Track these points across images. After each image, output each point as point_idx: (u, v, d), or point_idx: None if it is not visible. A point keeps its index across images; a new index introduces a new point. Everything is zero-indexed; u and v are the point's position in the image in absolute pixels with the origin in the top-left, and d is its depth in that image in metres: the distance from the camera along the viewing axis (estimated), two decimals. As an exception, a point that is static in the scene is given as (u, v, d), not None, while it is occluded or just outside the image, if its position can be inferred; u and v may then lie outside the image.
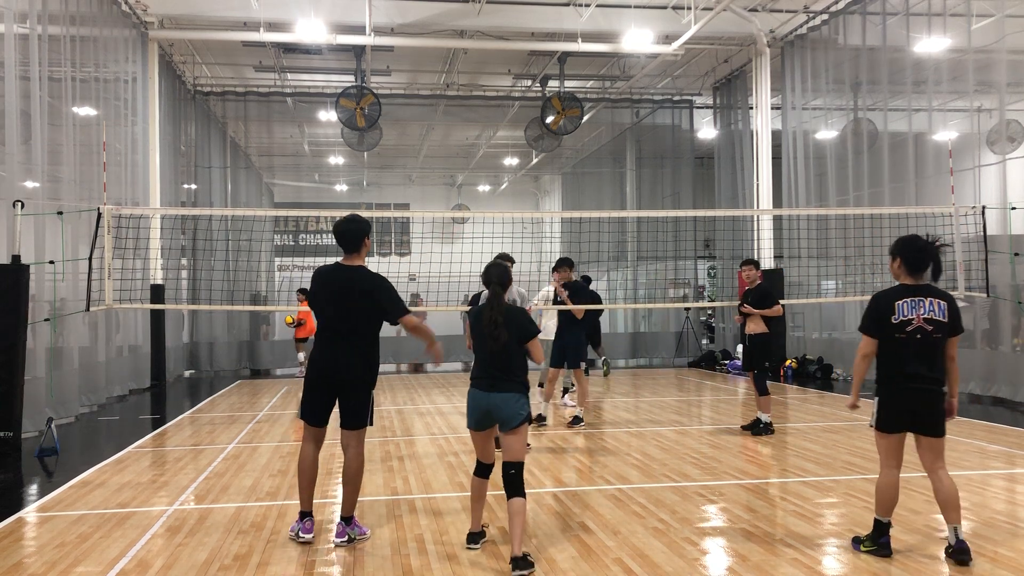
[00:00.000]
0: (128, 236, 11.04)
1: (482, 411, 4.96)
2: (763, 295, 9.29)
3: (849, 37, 15.30)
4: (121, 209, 10.60)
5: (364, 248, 5.36)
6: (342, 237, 5.32)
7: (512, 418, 4.86)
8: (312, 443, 5.35)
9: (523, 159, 27.63)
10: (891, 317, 4.76)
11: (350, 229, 5.32)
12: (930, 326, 4.72)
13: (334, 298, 5.24)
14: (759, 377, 9.28)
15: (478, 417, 5.00)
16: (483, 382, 4.96)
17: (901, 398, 4.77)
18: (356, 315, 5.21)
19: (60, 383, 10.64)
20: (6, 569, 4.86)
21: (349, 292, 5.20)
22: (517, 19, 16.07)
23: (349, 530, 5.27)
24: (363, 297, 5.19)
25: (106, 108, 12.91)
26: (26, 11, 10.41)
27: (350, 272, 5.29)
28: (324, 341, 5.27)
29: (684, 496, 6.37)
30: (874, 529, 4.90)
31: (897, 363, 4.76)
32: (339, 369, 5.20)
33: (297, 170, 29.24)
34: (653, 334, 20.71)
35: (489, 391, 4.91)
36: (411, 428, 10.12)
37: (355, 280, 5.23)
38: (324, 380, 5.25)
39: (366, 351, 5.25)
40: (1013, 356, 11.87)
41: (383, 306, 5.23)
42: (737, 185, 18.86)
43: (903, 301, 4.76)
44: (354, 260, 5.33)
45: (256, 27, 15.41)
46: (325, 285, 5.31)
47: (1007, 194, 12.33)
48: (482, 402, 4.94)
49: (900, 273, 4.89)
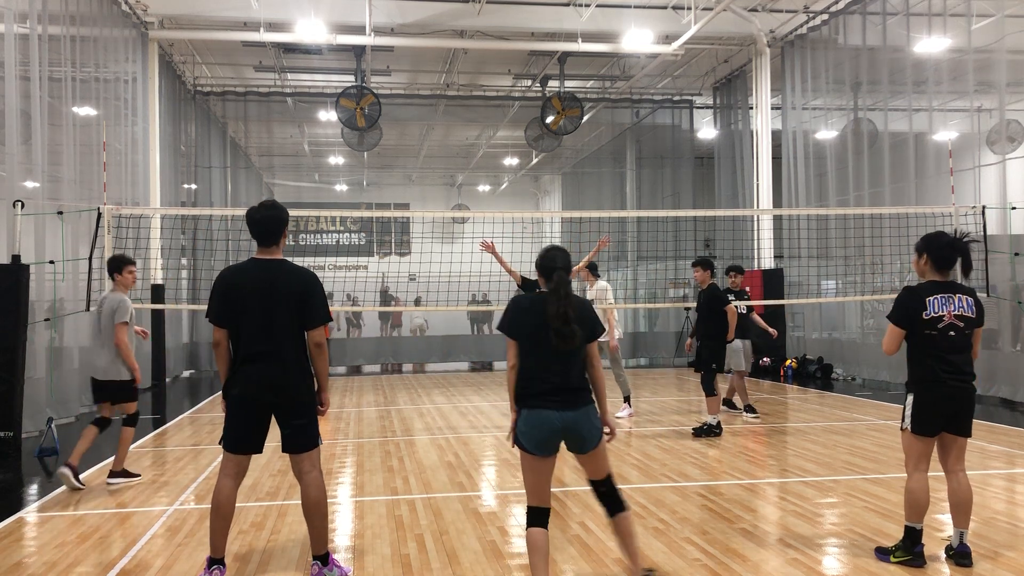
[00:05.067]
0: (128, 236, 11.04)
1: (552, 432, 3.96)
2: (710, 297, 9.29)
3: (849, 37, 15.30)
4: (121, 209, 10.60)
5: (283, 240, 4.57)
6: (258, 226, 4.47)
7: (594, 436, 4.02)
8: (233, 477, 4.47)
9: (523, 159, 27.64)
10: (923, 312, 4.61)
11: (269, 216, 4.48)
12: (961, 323, 4.61)
13: (256, 301, 4.36)
14: (705, 378, 9.26)
15: (545, 438, 3.96)
16: (551, 399, 3.95)
17: (940, 398, 4.61)
18: (285, 319, 4.37)
19: (60, 383, 10.65)
20: (6, 569, 4.86)
21: (273, 292, 4.37)
22: (517, 19, 16.08)
23: (327, 571, 4.50)
24: (290, 298, 4.39)
25: (106, 108, 12.91)
26: (26, 11, 10.41)
27: (272, 267, 4.46)
28: (247, 356, 4.37)
29: (684, 496, 6.37)
30: (906, 537, 4.69)
31: (933, 362, 4.61)
32: (273, 389, 4.37)
33: (297, 170, 29.26)
34: (653, 334, 20.71)
35: (562, 409, 3.95)
36: (411, 428, 10.12)
37: (280, 277, 4.43)
38: (253, 403, 4.40)
39: (301, 360, 4.44)
40: (1013, 356, 11.87)
41: (314, 307, 4.44)
42: (737, 185, 18.87)
43: (934, 297, 4.62)
44: (273, 254, 4.50)
45: (256, 27, 15.41)
46: (237, 287, 4.40)
47: (1007, 194, 12.33)
48: (555, 422, 3.94)
49: (926, 270, 4.75)
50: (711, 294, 9.30)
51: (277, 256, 4.52)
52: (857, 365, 14.95)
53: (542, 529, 4.00)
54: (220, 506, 4.42)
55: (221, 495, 4.43)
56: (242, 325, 4.38)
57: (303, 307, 4.40)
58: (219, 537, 4.45)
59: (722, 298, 9.30)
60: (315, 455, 4.53)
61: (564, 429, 3.95)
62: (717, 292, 9.35)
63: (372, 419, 10.98)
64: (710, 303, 9.27)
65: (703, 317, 9.39)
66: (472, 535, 5.39)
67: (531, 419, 3.95)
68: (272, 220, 4.48)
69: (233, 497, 4.46)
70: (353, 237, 31.72)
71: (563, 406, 3.95)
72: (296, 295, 4.40)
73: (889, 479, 6.82)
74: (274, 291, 4.38)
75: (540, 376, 3.99)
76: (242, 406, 4.41)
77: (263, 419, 4.46)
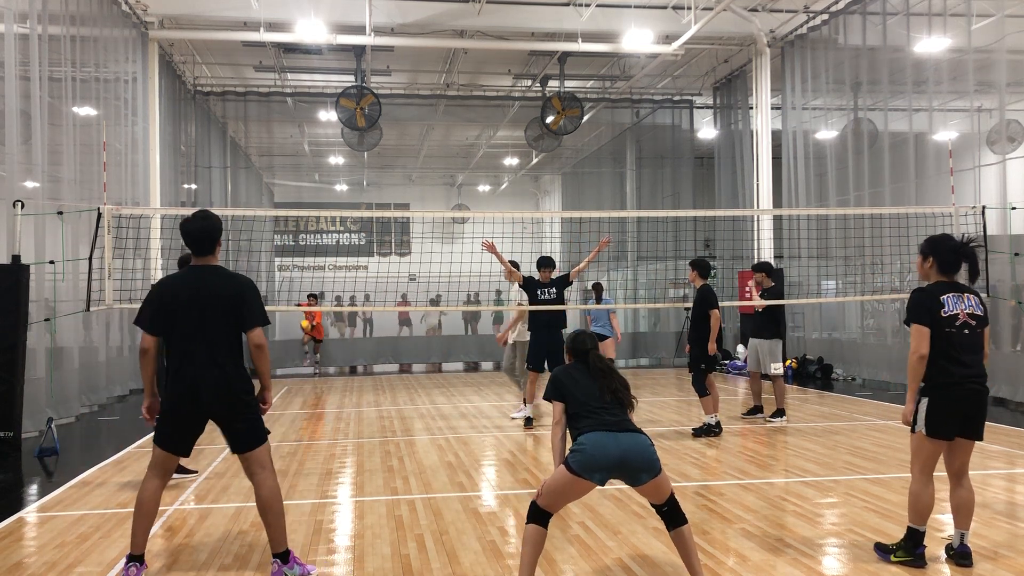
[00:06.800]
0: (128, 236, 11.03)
1: (613, 460, 4.02)
2: (701, 299, 9.28)
3: (849, 37, 15.29)
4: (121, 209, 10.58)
5: (219, 248, 4.71)
6: (192, 236, 4.61)
7: (654, 462, 4.08)
8: (160, 477, 4.55)
9: (523, 159, 27.63)
10: (940, 310, 4.53)
11: (202, 228, 4.62)
12: (973, 320, 4.57)
13: (191, 306, 4.48)
14: (696, 379, 9.25)
15: (607, 467, 4.03)
16: (604, 420, 4.12)
17: (956, 400, 4.52)
18: (219, 322, 4.48)
19: (60, 383, 10.65)
20: (6, 569, 4.86)
21: (208, 296, 4.50)
22: (517, 19, 16.07)
23: (287, 569, 4.51)
24: (225, 301, 4.51)
25: (106, 108, 12.92)
26: (26, 11, 10.41)
27: (207, 272, 4.61)
28: (182, 358, 4.46)
29: (684, 496, 6.36)
30: (908, 538, 4.65)
31: (950, 361, 4.51)
32: (211, 394, 4.43)
33: (297, 170, 29.24)
34: (653, 334, 20.72)
35: (618, 430, 4.09)
36: (411, 428, 10.12)
37: (216, 281, 4.57)
38: (191, 408, 4.47)
39: (237, 363, 4.52)
40: (1013, 356, 11.88)
41: (251, 310, 4.54)
42: (737, 185, 18.86)
43: (947, 296, 4.57)
44: (209, 261, 4.65)
45: (256, 27, 15.40)
46: (174, 295, 4.53)
47: (1007, 194, 12.33)
48: (611, 448, 4.01)
49: (931, 273, 4.70)
50: (702, 296, 9.31)
51: (213, 263, 4.67)
52: (857, 365, 14.95)
53: (544, 529, 4.12)
54: (144, 504, 4.50)
55: (147, 494, 4.51)
56: (177, 329, 4.49)
57: (239, 310, 4.53)
58: (141, 534, 4.52)
59: (710, 301, 9.27)
60: (262, 454, 4.57)
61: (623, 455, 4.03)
62: (707, 295, 9.31)
63: (372, 419, 10.99)
64: (699, 305, 9.28)
65: (693, 318, 9.43)
66: (472, 535, 5.39)
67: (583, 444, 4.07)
68: (205, 230, 4.63)
69: (158, 497, 4.56)
70: (353, 237, 31.73)
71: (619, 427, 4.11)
72: (231, 299, 4.53)
73: (889, 479, 6.82)
74: (209, 295, 4.51)
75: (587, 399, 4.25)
76: (177, 408, 4.48)
77: (196, 424, 4.56)
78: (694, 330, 9.37)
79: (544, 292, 10.03)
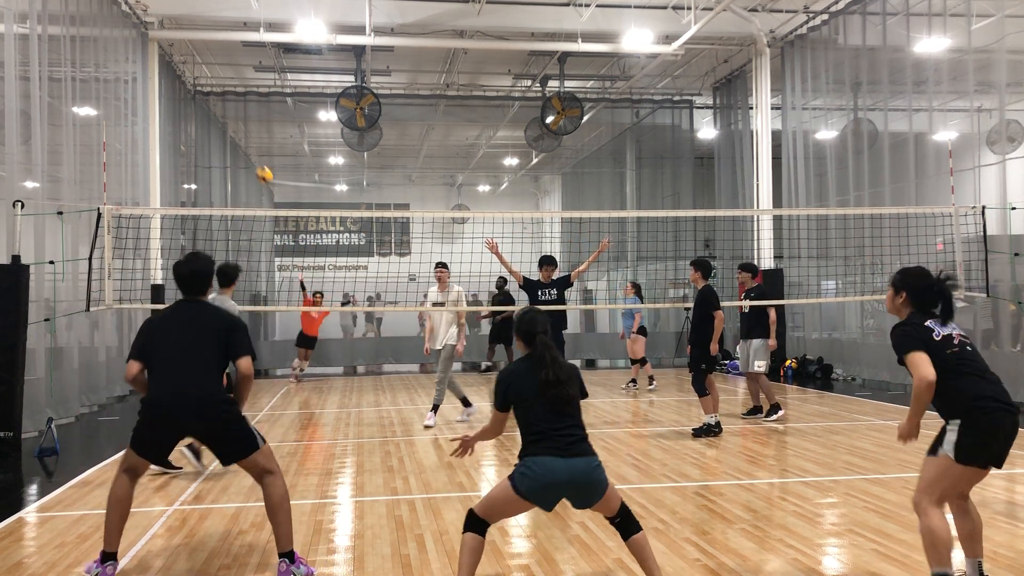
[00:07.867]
0: (128, 236, 11.03)
1: (561, 485, 3.95)
2: (702, 300, 9.27)
3: (849, 37, 15.29)
4: (121, 209, 10.58)
5: (210, 288, 4.92)
6: (186, 280, 4.77)
7: (601, 486, 3.98)
8: (131, 476, 4.60)
9: (523, 159, 27.64)
10: (931, 335, 4.05)
11: (195, 271, 4.79)
12: (967, 341, 4.14)
13: (177, 333, 4.61)
14: (696, 379, 9.24)
15: (554, 495, 3.99)
16: (556, 443, 3.95)
17: (994, 423, 3.95)
18: (203, 350, 4.58)
19: (60, 383, 10.65)
20: (6, 569, 4.86)
21: (195, 325, 4.65)
22: (517, 19, 16.07)
23: (294, 569, 4.57)
24: (212, 330, 4.63)
25: (106, 108, 12.91)
26: (26, 11, 10.41)
27: (196, 306, 4.77)
28: (163, 380, 4.53)
29: (684, 496, 6.37)
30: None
31: (974, 381, 4.01)
32: (194, 415, 4.49)
33: (297, 170, 29.24)
34: (653, 334, 20.67)
35: (567, 456, 3.93)
36: (411, 428, 10.12)
37: (204, 311, 4.73)
38: (171, 424, 4.55)
39: (217, 384, 4.60)
40: (1013, 356, 11.87)
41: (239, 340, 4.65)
42: (737, 185, 18.86)
43: (931, 321, 4.13)
44: (200, 298, 4.84)
45: (256, 27, 15.40)
46: (163, 326, 4.72)
47: (1007, 194, 12.33)
48: (560, 474, 3.91)
49: (903, 309, 4.25)
50: (703, 297, 9.30)
51: (203, 299, 4.84)
52: (857, 365, 14.95)
53: (480, 537, 4.06)
54: (119, 502, 4.55)
55: (121, 491, 4.56)
56: (161, 355, 4.56)
57: (229, 338, 4.64)
58: (114, 532, 4.56)
59: (712, 303, 9.26)
60: (264, 456, 4.62)
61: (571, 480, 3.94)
62: (708, 296, 9.29)
63: (372, 419, 10.98)
64: (701, 307, 9.27)
65: (694, 320, 9.42)
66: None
67: (530, 467, 3.98)
68: (198, 275, 4.81)
69: (131, 495, 4.61)
70: (353, 237, 31.74)
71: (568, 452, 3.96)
72: (218, 330, 4.64)
73: (889, 479, 6.82)
74: (196, 324, 4.65)
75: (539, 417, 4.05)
76: (155, 422, 4.53)
77: (172, 438, 4.64)
78: (695, 332, 9.37)
79: (545, 292, 10.01)
